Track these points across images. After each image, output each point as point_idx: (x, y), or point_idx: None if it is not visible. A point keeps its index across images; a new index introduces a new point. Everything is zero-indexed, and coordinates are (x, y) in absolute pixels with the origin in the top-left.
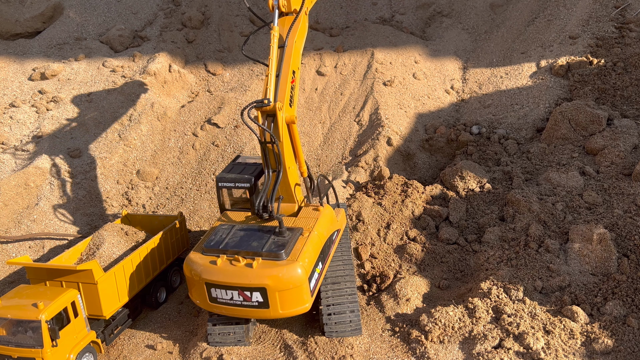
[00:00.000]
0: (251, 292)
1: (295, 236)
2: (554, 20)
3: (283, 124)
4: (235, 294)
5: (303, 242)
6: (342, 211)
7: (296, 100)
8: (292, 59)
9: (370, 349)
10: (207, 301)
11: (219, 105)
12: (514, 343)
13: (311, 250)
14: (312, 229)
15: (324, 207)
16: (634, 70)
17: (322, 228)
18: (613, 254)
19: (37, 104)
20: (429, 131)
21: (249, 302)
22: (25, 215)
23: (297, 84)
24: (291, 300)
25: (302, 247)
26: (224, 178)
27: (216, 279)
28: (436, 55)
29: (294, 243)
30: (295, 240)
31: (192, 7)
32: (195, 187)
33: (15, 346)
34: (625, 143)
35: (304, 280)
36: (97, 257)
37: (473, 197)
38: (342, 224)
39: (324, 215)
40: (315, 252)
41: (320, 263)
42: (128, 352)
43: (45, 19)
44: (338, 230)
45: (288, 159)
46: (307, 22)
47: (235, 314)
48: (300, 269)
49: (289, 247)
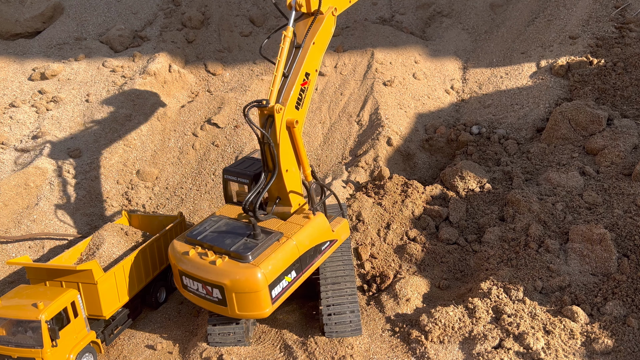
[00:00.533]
0: (212, 287)
1: (269, 241)
2: (554, 20)
3: (281, 126)
4: (200, 286)
5: (275, 248)
6: (344, 223)
7: (307, 104)
8: (306, 61)
9: (370, 349)
10: (180, 287)
11: (219, 105)
12: (514, 343)
13: (281, 258)
14: (292, 236)
15: (316, 215)
16: (634, 70)
17: (304, 236)
18: (613, 254)
19: (37, 104)
20: (429, 131)
21: (210, 296)
22: (25, 215)
23: (310, 87)
24: (248, 304)
25: (271, 254)
26: (229, 171)
27: (185, 269)
28: (436, 55)
29: (265, 248)
30: (267, 245)
31: (192, 7)
32: (195, 187)
33: (15, 346)
34: (625, 143)
35: (262, 286)
36: (97, 257)
37: (473, 197)
38: (339, 235)
39: (312, 224)
40: (287, 260)
41: (295, 272)
42: (128, 352)
43: (45, 19)
44: (332, 241)
45: (285, 162)
46: (334, 25)
47: (200, 304)
48: (260, 274)
49: (257, 250)
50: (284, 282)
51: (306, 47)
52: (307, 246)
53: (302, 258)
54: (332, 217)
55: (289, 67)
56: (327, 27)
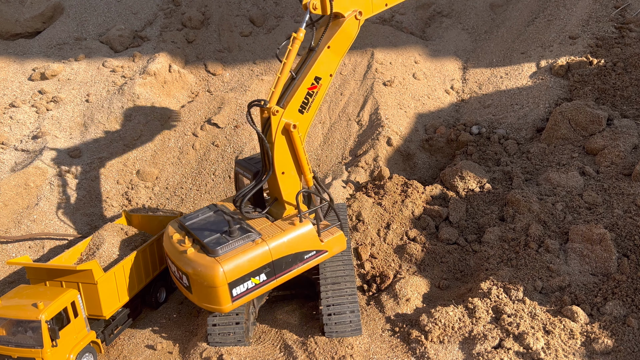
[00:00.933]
0: (181, 273)
1: (242, 240)
2: (554, 20)
3: (276, 128)
4: (175, 269)
5: (246, 248)
6: (339, 235)
7: (314, 109)
8: (317, 65)
9: (370, 349)
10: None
11: (219, 105)
12: (514, 343)
13: (248, 260)
14: (267, 240)
15: (302, 223)
16: (634, 70)
17: (281, 242)
18: (613, 254)
19: (37, 104)
20: (429, 131)
21: (181, 281)
22: (25, 215)
23: (321, 91)
24: (207, 297)
25: (239, 254)
26: (239, 163)
27: (167, 251)
28: (436, 55)
29: (236, 246)
30: (239, 244)
31: (192, 7)
32: (195, 187)
33: (15, 346)
34: (625, 143)
35: (222, 283)
36: (97, 257)
37: (473, 197)
38: (331, 247)
39: (293, 231)
40: (255, 263)
41: (265, 276)
42: (128, 352)
43: (45, 19)
44: (320, 252)
45: (280, 164)
46: (355, 30)
47: (177, 286)
48: (221, 271)
49: (226, 247)
50: (250, 283)
51: (319, 50)
52: (282, 253)
53: (275, 263)
54: (327, 227)
55: (299, 69)
56: (346, 31)
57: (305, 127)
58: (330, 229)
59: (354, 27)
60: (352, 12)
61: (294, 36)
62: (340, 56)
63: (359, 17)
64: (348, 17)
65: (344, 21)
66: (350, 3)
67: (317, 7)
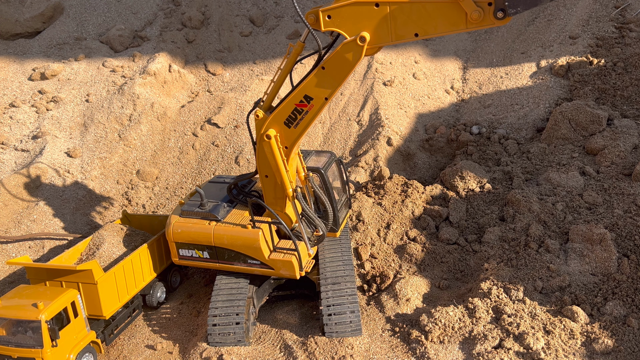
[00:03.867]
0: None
1: (205, 216)
2: (554, 20)
3: (259, 132)
4: None
5: (199, 223)
6: (290, 260)
7: (303, 127)
8: (307, 83)
9: (370, 349)
10: None
11: (219, 105)
12: (514, 343)
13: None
14: (215, 226)
15: (252, 229)
16: (634, 70)
17: (225, 234)
18: (613, 254)
19: (37, 104)
20: (429, 131)
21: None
22: (25, 215)
23: (312, 112)
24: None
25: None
26: None
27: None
28: (436, 55)
29: (194, 217)
30: (199, 217)
31: (192, 7)
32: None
33: (15, 346)
34: (625, 143)
35: (169, 238)
36: (97, 257)
37: (473, 197)
38: (277, 266)
39: (238, 232)
40: (199, 238)
41: (208, 254)
42: (128, 352)
43: (45, 19)
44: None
45: (263, 168)
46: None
47: None
48: (171, 229)
49: (189, 215)
50: (194, 252)
51: (313, 69)
52: (224, 244)
53: (217, 249)
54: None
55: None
56: (341, 55)
57: (292, 141)
58: (289, 250)
59: (354, 54)
60: (356, 36)
61: (291, 46)
62: (337, 81)
63: (361, 42)
64: (348, 40)
65: (342, 43)
66: (355, 24)
67: (311, 21)
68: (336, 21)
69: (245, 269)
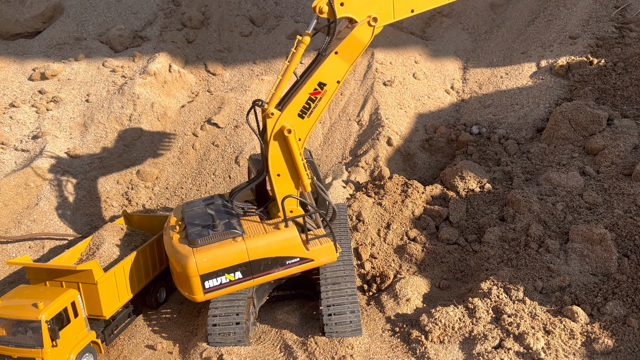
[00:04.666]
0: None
1: (224, 236)
2: (554, 20)
3: (272, 131)
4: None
5: (224, 245)
6: (328, 246)
7: (317, 115)
8: (321, 70)
9: (370, 349)
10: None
11: (219, 105)
12: (514, 343)
13: (223, 255)
14: (247, 240)
15: (287, 228)
16: (634, 70)
17: (260, 244)
18: (613, 254)
19: (37, 104)
20: (429, 131)
21: (170, 265)
22: (25, 215)
23: (325, 98)
24: (183, 284)
25: (215, 248)
26: (251, 158)
27: (163, 234)
28: (436, 55)
29: (215, 241)
30: (220, 239)
31: (192, 7)
32: (195, 187)
33: (15, 346)
34: (625, 143)
35: (193, 274)
36: (97, 257)
37: (473, 197)
38: (317, 256)
39: (275, 235)
40: (230, 260)
41: (240, 274)
42: (128, 352)
43: (45, 19)
44: (304, 260)
45: (276, 167)
46: (368, 36)
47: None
48: (194, 263)
49: (206, 240)
50: (224, 278)
51: (326, 56)
52: (261, 254)
53: (253, 264)
54: (319, 236)
55: (305, 72)
56: (355, 37)
57: (306, 132)
58: (321, 238)
59: (366, 34)
60: (367, 18)
61: (299, 39)
62: (349, 63)
63: (372, 23)
64: (361, 23)
65: (355, 27)
66: (365, 7)
67: (323, 11)
68: (349, 7)
69: (283, 274)
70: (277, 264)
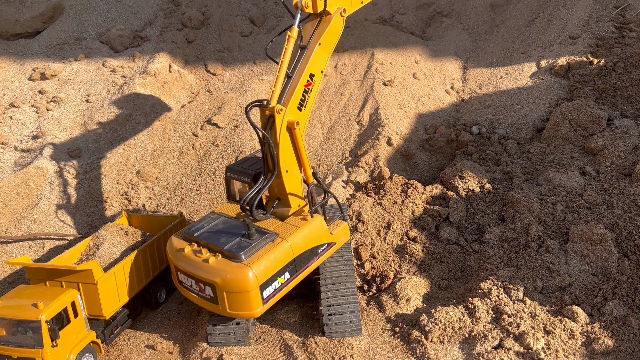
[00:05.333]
0: (204, 285)
1: (263, 241)
2: (554, 20)
3: (281, 127)
4: (193, 283)
5: (269, 249)
6: (344, 226)
7: (310, 105)
8: (311, 62)
9: (371, 349)
10: (177, 282)
11: (219, 105)
12: (514, 343)
13: (274, 259)
14: (287, 238)
15: (313, 217)
16: (634, 70)
17: (299, 238)
18: (613, 254)
19: (37, 104)
20: (429, 131)
21: (203, 293)
22: (25, 215)
23: (315, 88)
24: (238, 303)
25: (264, 254)
26: (232, 169)
27: (180, 266)
28: (436, 55)
29: (259, 248)
30: (261, 245)
31: (192, 7)
32: (195, 187)
33: (15, 346)
34: (625, 143)
35: (253, 286)
36: (97, 257)
37: (473, 197)
38: (338, 238)
39: (308, 226)
40: (280, 261)
41: (288, 274)
42: (128, 352)
43: (45, 19)
44: (330, 244)
45: (285, 163)
46: (342, 26)
47: (193, 300)
48: (251, 275)
49: (250, 250)
50: (277, 283)
51: (311, 48)
52: (302, 248)
53: (296, 260)
54: (332, 220)
55: (293, 67)
56: (334, 28)
57: (305, 122)
58: (334, 221)
59: (341, 24)
60: (337, 10)
61: (289, 34)
62: (329, 52)
63: (343, 14)
64: (334, 15)
65: (332, 19)
66: (336, 1)
67: (308, 6)
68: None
69: (317, 263)
70: (313, 254)
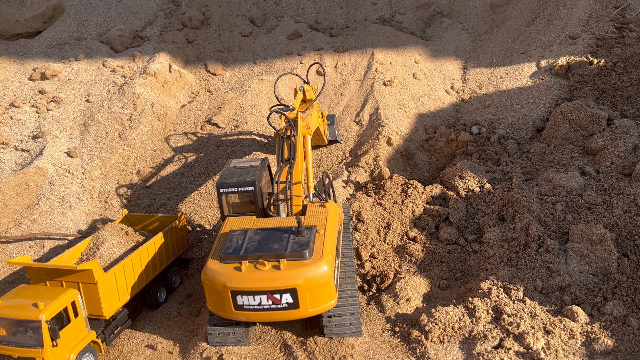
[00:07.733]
0: (281, 294)
1: (313, 234)
2: (554, 20)
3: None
4: (264, 299)
5: (321, 239)
6: (340, 205)
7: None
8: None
9: (371, 349)
10: (231, 309)
11: (219, 105)
12: (514, 343)
13: (331, 247)
14: (326, 226)
15: (329, 203)
16: (634, 70)
17: (332, 224)
18: (613, 254)
19: (37, 104)
20: (429, 131)
21: (278, 304)
22: (25, 215)
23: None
24: (320, 298)
25: (323, 245)
26: (225, 184)
27: (243, 286)
28: (436, 55)
29: (314, 241)
30: (314, 238)
31: (192, 7)
32: (195, 187)
33: (16, 346)
34: (625, 143)
35: (330, 277)
36: (97, 257)
37: (473, 197)
38: (342, 218)
39: (331, 212)
40: (334, 248)
41: (337, 259)
42: (128, 352)
43: (46, 19)
44: (341, 225)
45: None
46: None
47: (263, 318)
48: (326, 266)
49: (310, 246)
50: (335, 269)
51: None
52: (336, 233)
53: (337, 244)
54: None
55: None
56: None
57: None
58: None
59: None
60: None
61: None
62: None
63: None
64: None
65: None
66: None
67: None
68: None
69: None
70: (339, 237)
